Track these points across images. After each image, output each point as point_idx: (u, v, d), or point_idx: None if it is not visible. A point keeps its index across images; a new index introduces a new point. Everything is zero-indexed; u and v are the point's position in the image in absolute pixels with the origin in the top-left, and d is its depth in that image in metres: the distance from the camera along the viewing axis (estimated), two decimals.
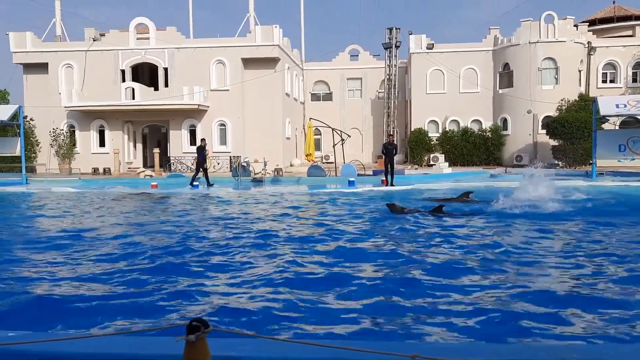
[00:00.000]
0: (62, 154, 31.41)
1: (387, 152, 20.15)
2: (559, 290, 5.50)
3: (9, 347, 3.09)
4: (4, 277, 6.47)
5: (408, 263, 6.91)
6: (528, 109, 32.80)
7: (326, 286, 5.78)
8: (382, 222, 11.01)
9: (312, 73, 39.47)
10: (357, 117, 39.21)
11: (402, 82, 37.01)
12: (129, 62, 31.70)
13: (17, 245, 8.73)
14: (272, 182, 23.26)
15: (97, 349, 3.08)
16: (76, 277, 6.43)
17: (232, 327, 4.38)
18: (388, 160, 20.10)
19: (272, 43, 30.46)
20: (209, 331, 2.28)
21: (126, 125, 32.27)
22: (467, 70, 35.14)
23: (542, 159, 32.37)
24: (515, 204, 12.06)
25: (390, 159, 20.05)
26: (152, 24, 31.52)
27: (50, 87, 31.87)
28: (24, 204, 16.72)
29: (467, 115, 35.28)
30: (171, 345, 2.88)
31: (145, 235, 9.66)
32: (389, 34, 32.80)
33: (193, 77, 30.68)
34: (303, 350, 2.64)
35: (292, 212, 13.06)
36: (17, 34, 32.16)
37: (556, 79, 32.94)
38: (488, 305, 5.02)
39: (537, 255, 7.39)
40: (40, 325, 4.72)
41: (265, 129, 30.97)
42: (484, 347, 3.27)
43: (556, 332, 4.34)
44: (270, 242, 8.59)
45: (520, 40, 33.09)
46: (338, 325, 4.53)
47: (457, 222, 10.64)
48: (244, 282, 6.08)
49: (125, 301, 5.35)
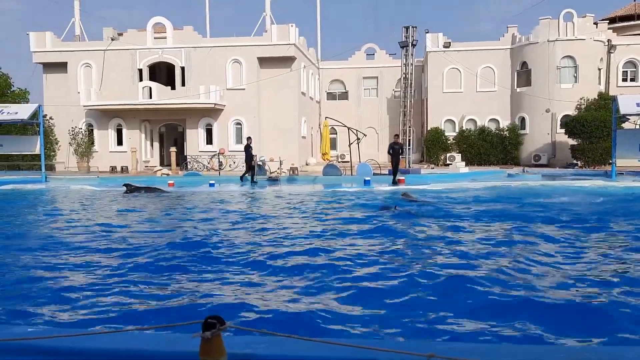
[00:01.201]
0: (80, 152, 31.81)
1: (394, 152, 20.81)
2: (577, 293, 5.42)
3: (29, 342, 3.12)
4: (23, 273, 6.55)
5: (426, 260, 6.86)
6: (546, 108, 32.45)
7: (342, 285, 5.76)
8: (400, 220, 10.96)
9: (328, 72, 39.45)
10: (373, 116, 39.10)
11: (418, 81, 36.82)
12: (147, 62, 31.98)
13: (35, 242, 8.85)
14: (288, 181, 23.28)
15: (114, 345, 3.11)
16: (93, 273, 6.49)
17: (248, 324, 4.39)
18: (394, 160, 20.80)
19: (288, 42, 30.51)
20: (225, 328, 2.28)
21: (143, 124, 32.56)
22: (485, 68, 34.86)
23: (560, 158, 32.04)
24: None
25: (396, 158, 20.75)
26: (169, 23, 31.77)
27: (69, 86, 32.29)
28: (43, 201, 16.95)
29: (484, 114, 35.00)
30: (187, 342, 2.89)
31: (162, 232, 9.73)
32: (406, 33, 32.62)
33: (209, 76, 30.86)
34: (318, 348, 2.63)
35: (308, 211, 13.06)
36: (37, 34, 32.63)
37: (575, 77, 32.51)
38: (507, 304, 4.96)
39: (553, 256, 7.29)
40: (59, 321, 4.77)
41: (281, 128, 31.03)
42: (500, 348, 3.23)
43: (574, 333, 4.28)
44: (287, 241, 8.59)
45: (539, 38, 32.72)
46: (354, 323, 4.52)
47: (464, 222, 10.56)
48: (260, 279, 6.09)
49: (141, 298, 5.39)
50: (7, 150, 24.36)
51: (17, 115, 22.77)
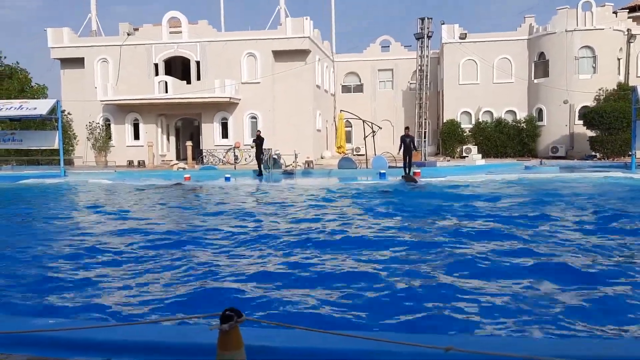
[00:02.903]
0: (98, 147, 32.15)
1: (405, 145, 20.69)
2: (597, 287, 5.38)
3: (48, 334, 3.18)
4: (44, 266, 6.66)
5: (442, 256, 6.84)
6: (564, 99, 32.02)
7: (359, 278, 5.77)
8: (418, 216, 10.93)
9: (343, 64, 39.30)
10: (389, 109, 38.89)
11: (434, 73, 36.52)
12: (162, 56, 32.14)
13: (55, 235, 8.98)
14: (303, 175, 23.32)
15: (133, 336, 3.15)
16: (113, 265, 6.57)
17: (266, 317, 4.42)
18: (405, 153, 20.65)
19: (303, 35, 30.43)
20: (242, 321, 2.30)
21: (160, 118, 32.79)
22: (501, 60, 34.46)
23: (578, 150, 31.63)
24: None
25: (407, 151, 20.61)
26: (185, 17, 31.86)
27: (87, 82, 32.59)
28: (62, 195, 17.18)
29: (500, 106, 34.65)
30: (205, 333, 2.92)
31: (180, 225, 9.82)
32: (421, 24, 32.35)
33: (225, 70, 30.93)
34: (336, 341, 2.65)
35: (326, 204, 13.05)
36: (54, 30, 32.94)
37: (594, 67, 32.00)
38: (524, 297, 4.94)
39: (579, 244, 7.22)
40: (77, 313, 4.84)
41: (296, 121, 31.03)
42: (518, 341, 3.22)
43: (594, 327, 4.24)
44: (304, 235, 8.60)
45: (557, 28, 32.24)
46: (373, 316, 4.53)
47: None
48: (278, 273, 6.11)
49: (160, 290, 5.45)
50: (26, 145, 24.72)
51: (36, 110, 23.06)
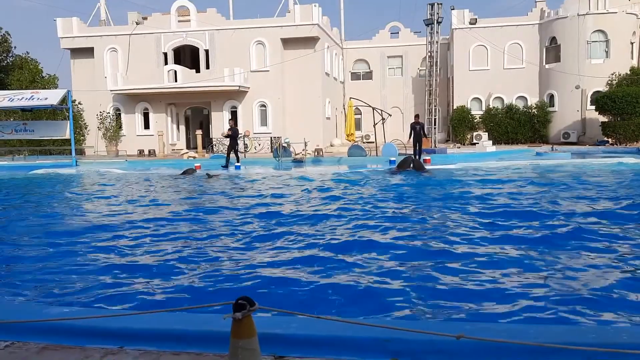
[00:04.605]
0: (109, 136, 32.33)
1: (416, 133, 20.81)
2: (609, 272, 5.36)
3: (64, 322, 3.24)
4: (59, 255, 6.74)
5: (454, 243, 6.85)
6: (576, 84, 31.66)
7: (372, 266, 5.79)
8: (430, 202, 10.92)
9: (352, 52, 39.09)
10: (398, 96, 38.71)
11: (444, 59, 36.22)
12: (171, 45, 32.15)
13: (70, 225, 9.08)
14: (313, 162, 23.32)
15: (147, 324, 3.20)
16: (127, 255, 6.64)
17: (278, 305, 4.46)
18: (415, 140, 20.78)
19: (312, 22, 30.28)
20: (255, 309, 2.33)
21: (169, 107, 32.87)
22: (512, 45, 34.08)
23: (590, 136, 31.33)
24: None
25: (417, 138, 20.73)
26: (193, 6, 31.79)
27: (96, 71, 32.69)
28: (73, 184, 17.33)
29: (511, 91, 34.34)
30: (218, 322, 2.96)
31: (193, 214, 9.88)
32: (431, 10, 32.03)
33: (233, 58, 30.88)
34: (348, 329, 2.68)
35: (339, 193, 13.04)
36: (64, 20, 33.01)
37: (606, 52, 31.59)
38: (535, 284, 4.94)
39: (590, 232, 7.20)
40: (94, 301, 4.92)
41: (305, 109, 30.98)
42: (528, 329, 3.23)
43: (606, 313, 4.24)
44: (316, 222, 8.62)
45: (569, 12, 31.80)
46: (384, 304, 4.55)
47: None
48: (290, 260, 6.15)
49: (174, 279, 5.51)
50: (38, 136, 24.93)
51: (47, 100, 23.20)
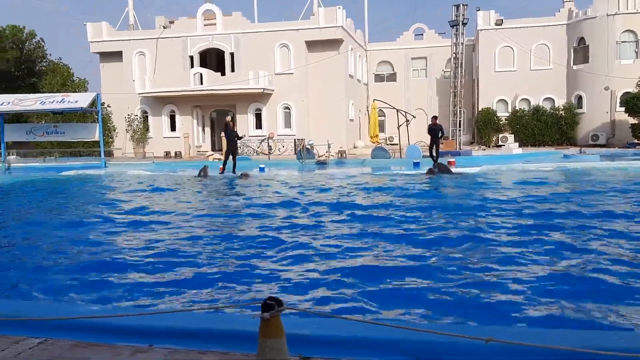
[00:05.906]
0: (136, 138, 32.88)
1: (433, 135, 20.16)
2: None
3: (92, 320, 3.32)
4: (88, 254, 6.88)
5: (483, 247, 6.79)
6: (605, 86, 31.07)
7: (401, 270, 5.77)
8: (453, 206, 10.84)
9: (376, 54, 39.01)
10: (422, 98, 38.48)
11: (469, 61, 35.90)
12: (197, 49, 32.55)
13: (100, 225, 9.25)
14: (336, 164, 23.33)
15: (176, 323, 3.26)
16: (157, 254, 6.75)
17: (307, 306, 4.49)
18: (433, 142, 20.13)
19: (336, 25, 30.33)
20: (283, 309, 2.37)
21: (195, 110, 33.27)
22: (539, 46, 33.63)
23: (620, 138, 30.71)
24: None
25: (435, 140, 20.09)
26: (219, 9, 32.15)
27: (125, 75, 33.29)
28: (104, 185, 17.67)
29: (538, 93, 33.87)
30: (247, 321, 3.00)
31: (220, 216, 9.98)
32: (456, 11, 31.78)
33: (258, 61, 31.12)
34: (376, 330, 2.69)
35: (366, 195, 12.98)
36: (93, 25, 33.72)
37: (636, 52, 30.95)
38: (567, 289, 4.88)
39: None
40: (120, 300, 5.01)
41: (329, 111, 31.03)
42: (558, 333, 3.21)
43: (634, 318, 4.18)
44: (346, 225, 8.61)
45: (597, 12, 31.24)
46: (413, 307, 4.54)
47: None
48: (320, 262, 6.16)
49: (203, 279, 5.58)
50: (69, 138, 25.48)
51: (77, 103, 23.70)
